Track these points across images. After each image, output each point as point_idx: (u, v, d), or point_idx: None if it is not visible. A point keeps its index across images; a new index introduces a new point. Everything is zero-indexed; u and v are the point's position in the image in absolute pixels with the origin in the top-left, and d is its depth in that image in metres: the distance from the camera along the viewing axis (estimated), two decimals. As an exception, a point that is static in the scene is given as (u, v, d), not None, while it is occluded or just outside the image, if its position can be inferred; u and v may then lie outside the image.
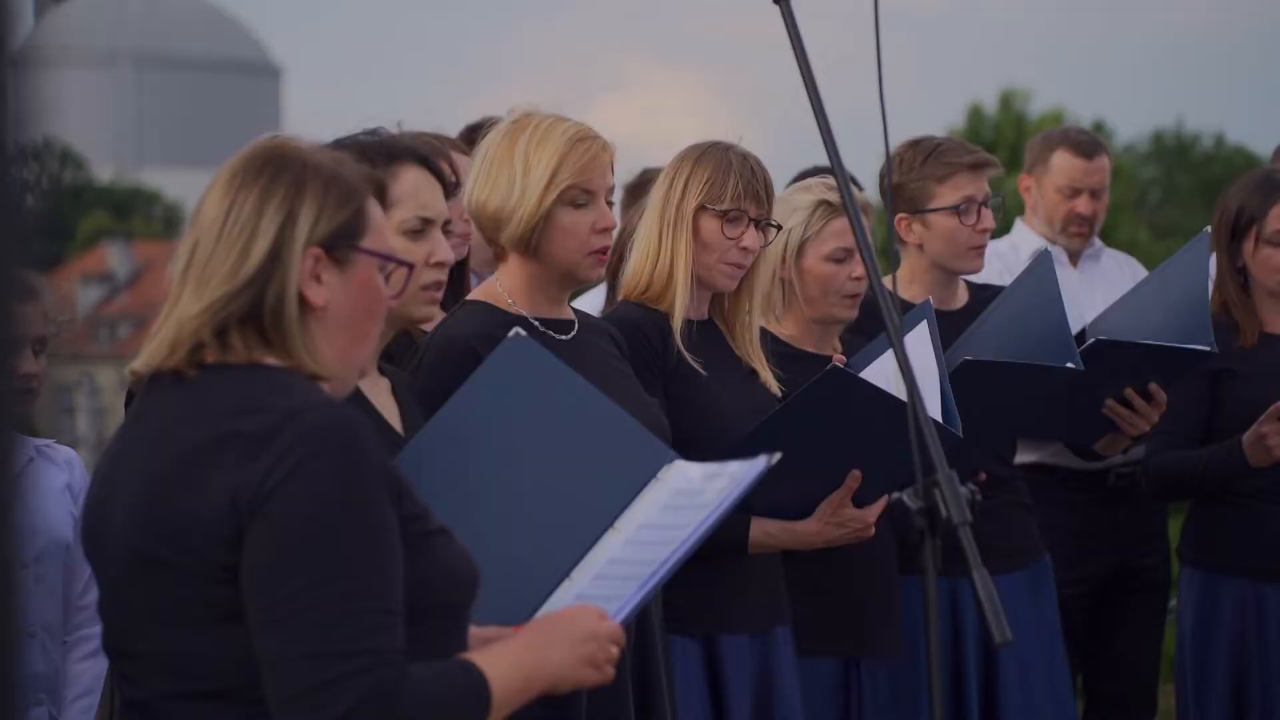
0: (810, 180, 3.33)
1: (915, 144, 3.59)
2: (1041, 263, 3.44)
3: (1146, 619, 4.19)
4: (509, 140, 2.66)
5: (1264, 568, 3.61)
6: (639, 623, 2.45)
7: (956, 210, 3.52)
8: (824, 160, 4.26)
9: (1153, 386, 3.47)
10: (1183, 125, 40.91)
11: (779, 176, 3.89)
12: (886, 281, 2.02)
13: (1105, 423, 3.55)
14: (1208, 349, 3.40)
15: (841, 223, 3.20)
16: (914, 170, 3.56)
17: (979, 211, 3.52)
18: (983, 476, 3.31)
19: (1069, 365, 3.24)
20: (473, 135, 3.26)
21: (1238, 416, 3.57)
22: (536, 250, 2.67)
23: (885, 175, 2.59)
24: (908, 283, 3.63)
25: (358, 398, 2.17)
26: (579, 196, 2.64)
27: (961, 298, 3.62)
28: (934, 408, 2.91)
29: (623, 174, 3.91)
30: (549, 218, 2.64)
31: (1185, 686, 3.68)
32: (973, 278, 3.66)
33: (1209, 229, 3.67)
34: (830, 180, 3.30)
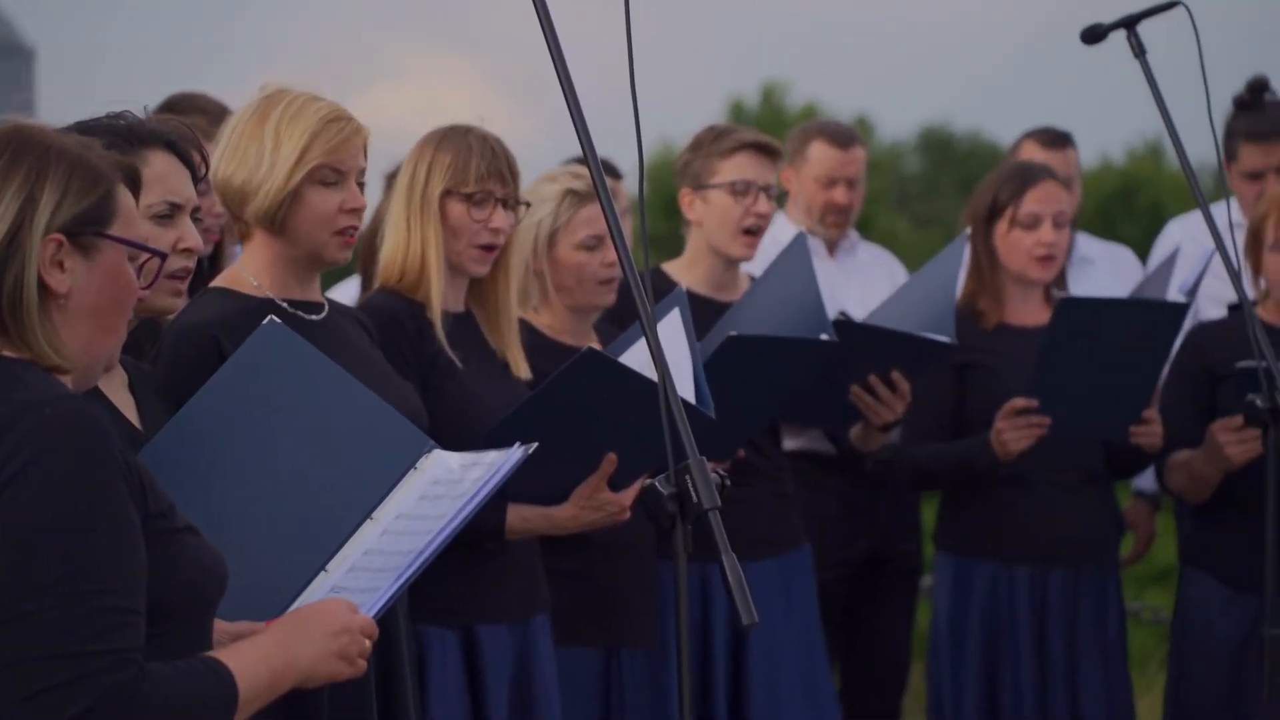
0: (555, 170, 3.34)
1: (712, 127, 3.69)
2: (797, 244, 3.51)
3: (900, 601, 4.32)
4: (259, 116, 2.61)
5: (1013, 551, 3.75)
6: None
7: (733, 188, 3.57)
8: (602, 149, 4.28)
9: (896, 375, 3.58)
10: (947, 121, 42.26)
11: (555, 165, 3.89)
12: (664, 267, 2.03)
13: (856, 409, 3.65)
14: (947, 340, 3.52)
15: (590, 210, 3.23)
16: (703, 148, 3.64)
17: (757, 195, 3.58)
18: (741, 454, 3.37)
19: (823, 337, 3.32)
20: (175, 110, 3.20)
21: (983, 408, 3.70)
22: (283, 228, 2.62)
23: (639, 170, 2.62)
24: (687, 267, 3.68)
25: (92, 391, 2.10)
26: (329, 175, 2.61)
27: (742, 288, 3.67)
28: (688, 393, 2.95)
29: (396, 162, 3.87)
30: (297, 195, 2.60)
31: (940, 667, 3.80)
32: (753, 270, 3.73)
33: (969, 230, 3.80)
34: (576, 168, 3.32)
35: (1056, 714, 3.69)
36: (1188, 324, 3.99)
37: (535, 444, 2.05)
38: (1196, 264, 3.78)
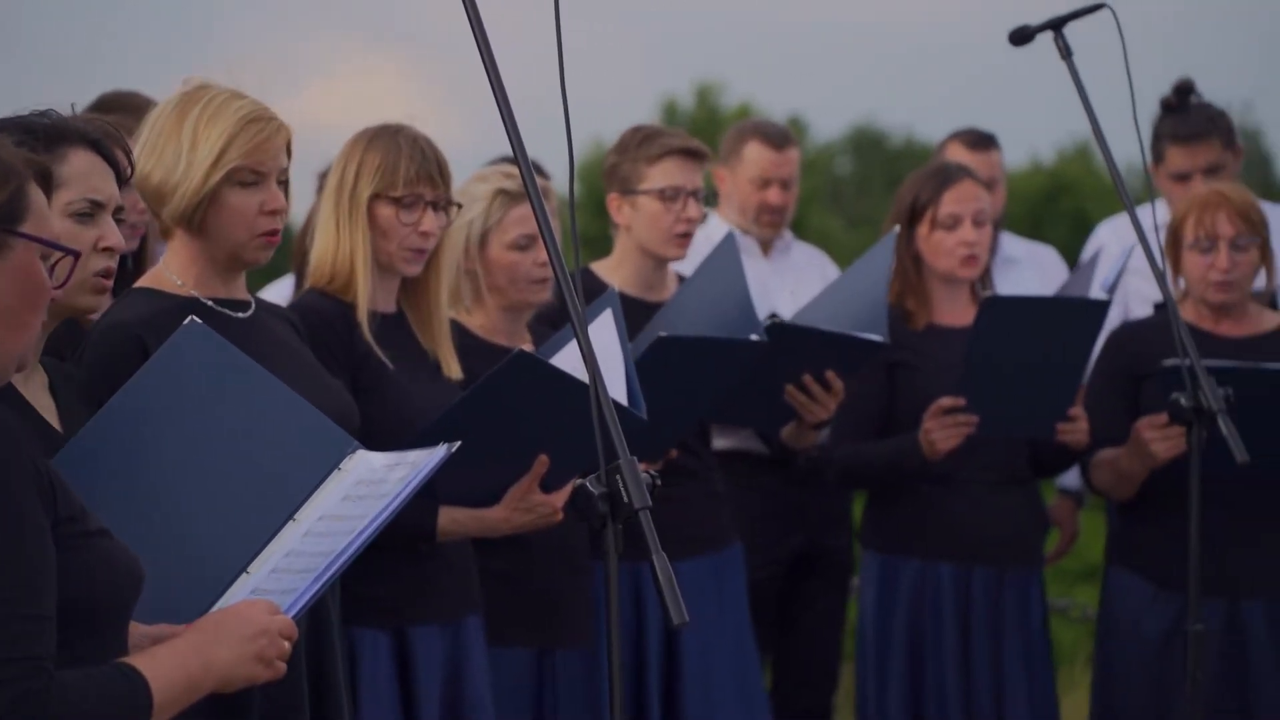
0: (486, 169, 3.32)
1: (638, 128, 3.66)
2: (726, 244, 3.51)
3: (831, 598, 4.34)
4: (178, 113, 2.57)
5: (937, 548, 3.77)
6: (313, 614, 2.41)
7: (662, 195, 3.57)
8: (534, 149, 4.27)
9: (830, 374, 3.59)
10: (878, 121, 42.55)
11: (488, 164, 3.87)
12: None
13: (788, 409, 3.66)
14: (879, 340, 3.53)
15: (522, 210, 3.21)
16: (629, 151, 3.62)
17: (686, 201, 3.58)
18: (672, 454, 3.37)
19: (753, 337, 3.33)
20: (105, 109, 3.16)
21: (912, 408, 3.72)
22: (201, 228, 2.59)
23: (569, 170, 2.59)
24: (615, 267, 3.68)
25: (10, 393, 2.07)
26: (248, 176, 2.57)
27: (671, 289, 3.67)
28: (619, 394, 2.94)
29: (329, 160, 3.83)
30: (214, 197, 2.56)
31: (866, 664, 3.82)
32: (684, 269, 3.72)
33: (898, 228, 3.83)
34: (507, 168, 3.30)
35: (980, 711, 3.72)
36: (1115, 323, 4.03)
37: (459, 443, 2.04)
38: (1116, 261, 3.82)
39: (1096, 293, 3.72)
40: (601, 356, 2.84)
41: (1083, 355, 3.64)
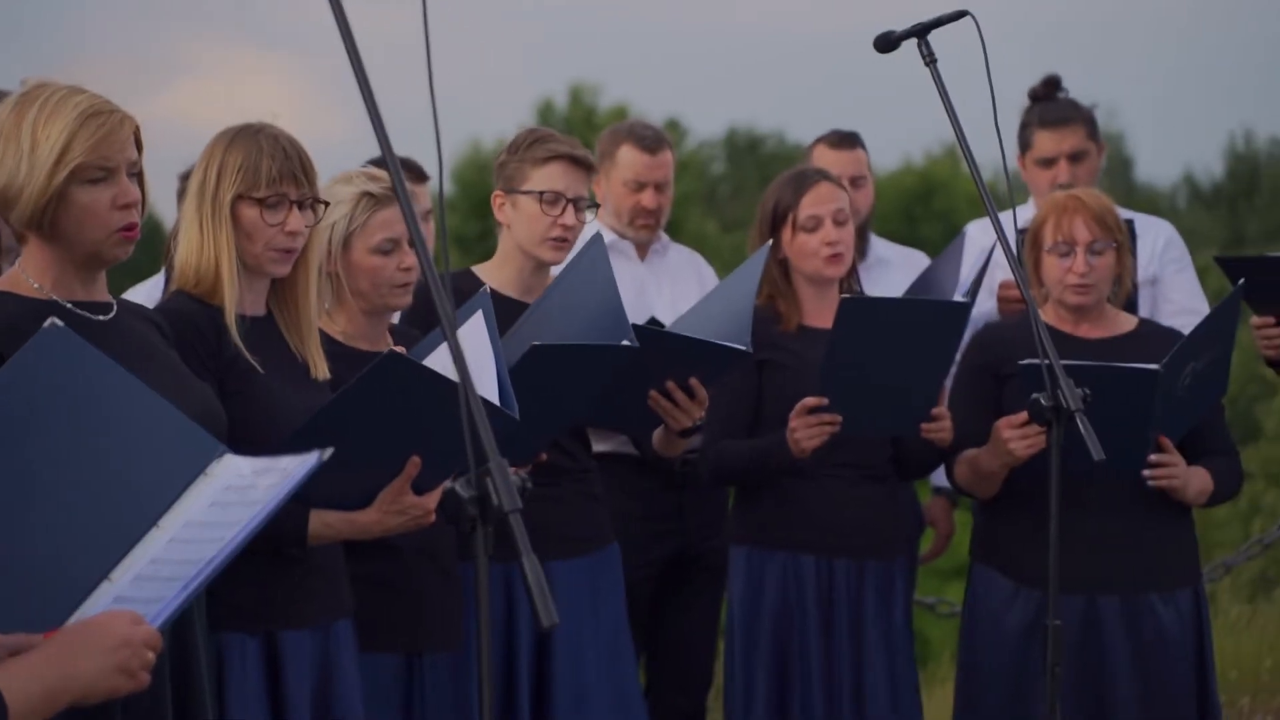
0: (350, 171, 3.29)
1: (532, 130, 3.69)
2: (593, 245, 3.53)
3: (706, 599, 4.37)
4: (16, 115, 2.49)
5: (801, 540, 3.82)
6: (178, 620, 2.37)
7: (542, 198, 3.57)
8: (409, 149, 4.23)
9: (693, 381, 3.61)
10: (753, 124, 42.89)
11: (366, 163, 3.83)
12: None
13: (657, 415, 3.68)
14: (743, 349, 3.56)
15: (387, 214, 3.20)
16: (519, 151, 3.64)
17: (565, 207, 3.58)
18: (543, 457, 3.37)
19: (625, 343, 3.34)
20: None
21: (779, 406, 3.77)
22: (53, 231, 2.52)
23: (439, 170, 2.59)
24: (497, 268, 3.67)
25: None
26: (95, 173, 2.50)
27: None
28: (491, 395, 2.93)
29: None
30: (62, 197, 2.49)
31: (733, 656, 3.85)
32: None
33: (770, 243, 3.86)
34: (372, 170, 3.28)
35: (840, 703, 3.77)
36: (992, 315, 4.11)
37: (331, 450, 2.01)
38: (975, 263, 3.89)
39: (961, 286, 3.78)
40: (473, 358, 2.84)
41: (944, 355, 3.69)
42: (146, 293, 4.11)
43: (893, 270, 4.70)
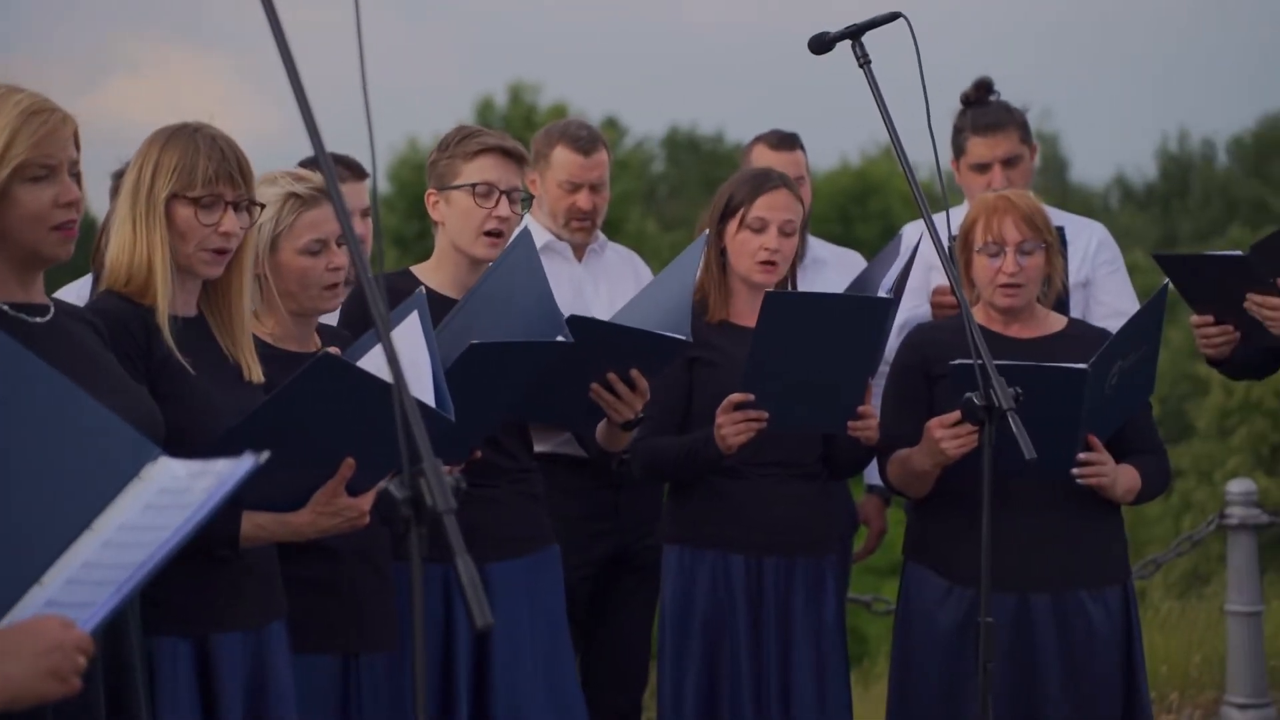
0: (274, 171, 3.27)
1: (461, 127, 3.68)
2: (522, 239, 3.53)
3: (643, 597, 4.38)
4: None
5: (731, 539, 3.84)
6: (111, 626, 2.35)
7: (475, 190, 3.57)
8: (345, 147, 4.21)
9: (634, 373, 3.62)
10: (692, 124, 42.98)
11: (298, 161, 3.81)
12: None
13: (599, 409, 3.69)
14: (682, 338, 3.58)
15: (314, 214, 3.18)
16: (449, 148, 3.63)
17: (499, 199, 3.58)
18: (477, 454, 3.37)
19: (560, 339, 3.34)
20: None
21: (708, 403, 3.79)
22: None
23: (372, 169, 2.60)
24: (434, 268, 3.67)
25: None
26: (37, 171, 2.49)
27: None
28: (427, 396, 2.93)
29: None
30: (5, 195, 2.48)
31: (664, 657, 3.86)
32: None
33: (708, 232, 3.87)
34: (298, 170, 3.26)
35: (768, 702, 3.78)
36: (914, 323, 4.13)
37: (267, 453, 2.00)
38: (899, 262, 3.92)
39: (885, 285, 3.81)
40: (408, 359, 2.83)
41: (869, 352, 3.71)
42: (76, 292, 4.07)
43: (829, 270, 4.72)
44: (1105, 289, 4.57)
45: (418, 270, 3.70)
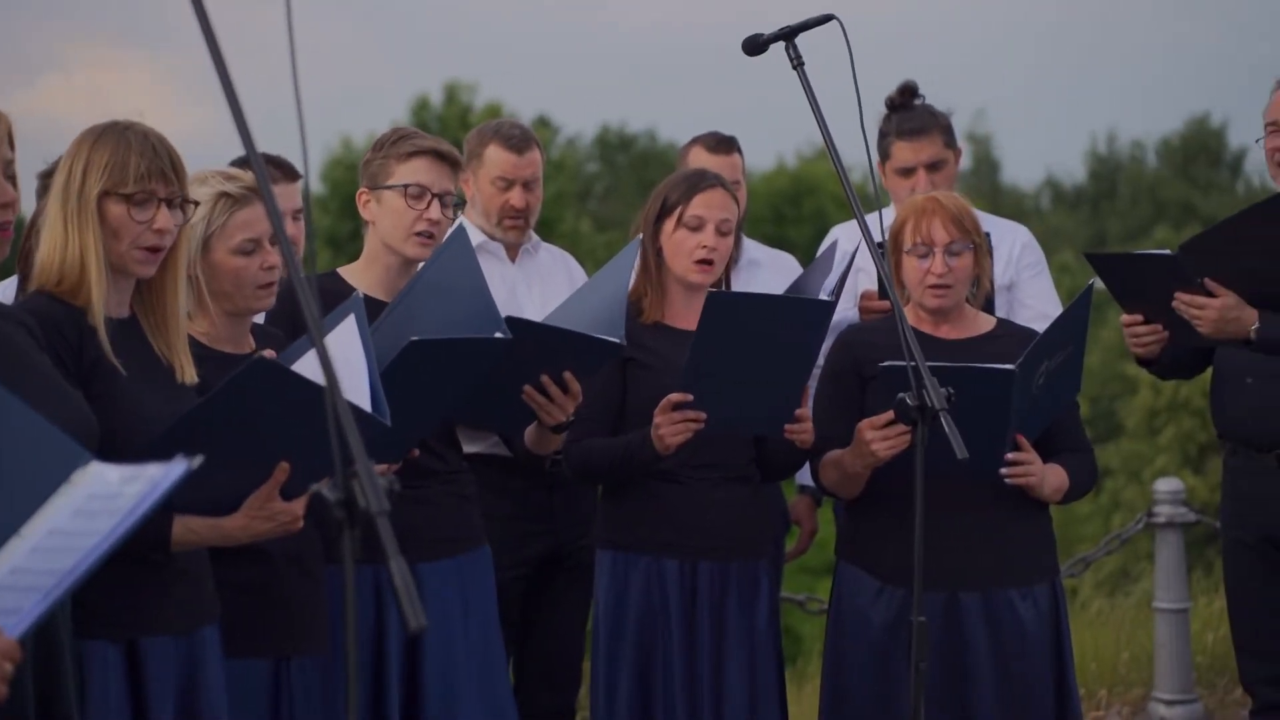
0: (205, 171, 3.25)
1: (396, 129, 3.69)
2: (457, 236, 3.52)
3: (576, 598, 4.37)
4: None
5: (665, 543, 3.84)
6: (42, 631, 2.32)
7: (407, 191, 3.56)
8: (277, 147, 4.19)
9: (567, 375, 3.62)
10: (623, 123, 43.00)
11: (230, 160, 3.79)
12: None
13: (528, 412, 3.68)
14: (617, 341, 3.58)
15: (246, 214, 3.16)
16: (383, 149, 3.65)
17: (431, 201, 3.58)
18: (415, 453, 3.36)
19: (499, 335, 3.34)
20: None
21: (643, 403, 3.79)
22: None
23: (304, 169, 2.58)
24: (363, 269, 3.66)
25: None
26: None
27: None
28: (363, 399, 2.91)
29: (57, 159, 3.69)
30: None
31: (598, 660, 3.86)
32: None
33: (640, 236, 3.88)
34: (230, 170, 3.24)
35: (701, 705, 3.79)
36: (842, 326, 4.16)
37: (200, 458, 1.99)
38: (838, 266, 3.94)
39: (826, 289, 3.83)
40: (343, 363, 2.82)
41: (807, 355, 3.73)
42: (1, 292, 4.03)
43: (763, 271, 4.74)
44: (1029, 292, 4.61)
45: (344, 272, 3.69)
